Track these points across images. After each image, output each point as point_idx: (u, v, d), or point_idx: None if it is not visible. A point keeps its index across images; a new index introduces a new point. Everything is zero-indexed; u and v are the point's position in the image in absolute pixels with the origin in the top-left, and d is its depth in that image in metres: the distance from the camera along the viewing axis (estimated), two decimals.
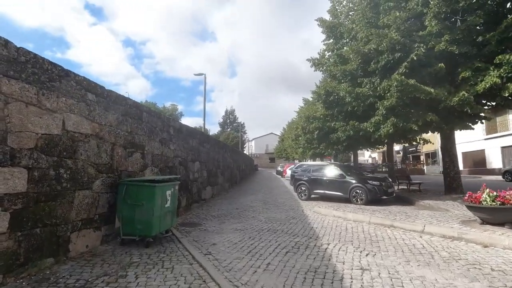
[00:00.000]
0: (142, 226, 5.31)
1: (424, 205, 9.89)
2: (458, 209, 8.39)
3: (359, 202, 11.02)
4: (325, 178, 12.43)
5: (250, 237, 6.52)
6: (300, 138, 20.04)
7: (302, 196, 13.07)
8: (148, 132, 7.38)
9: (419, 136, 14.15)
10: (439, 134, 11.31)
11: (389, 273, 4.30)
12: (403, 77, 7.80)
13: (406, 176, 13.43)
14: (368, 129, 9.69)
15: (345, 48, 11.05)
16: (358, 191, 11.16)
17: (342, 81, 10.69)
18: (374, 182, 11.07)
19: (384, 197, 10.99)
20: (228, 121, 77.11)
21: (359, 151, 30.22)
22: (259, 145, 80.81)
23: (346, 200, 11.72)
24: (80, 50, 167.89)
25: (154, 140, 7.70)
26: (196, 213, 9.77)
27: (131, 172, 6.52)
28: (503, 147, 24.69)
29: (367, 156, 61.74)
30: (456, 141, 13.30)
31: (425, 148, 35.59)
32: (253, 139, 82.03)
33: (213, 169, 14.25)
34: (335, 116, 11.42)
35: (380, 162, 46.63)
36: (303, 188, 13.09)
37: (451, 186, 10.47)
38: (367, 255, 5.18)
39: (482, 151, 26.82)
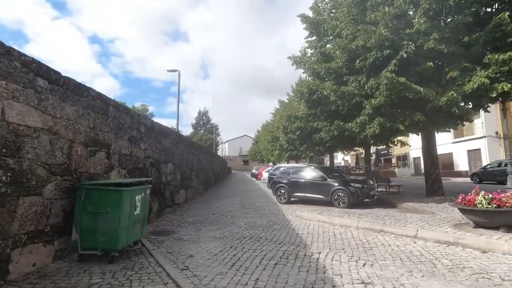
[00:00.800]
0: (106, 238, 4.46)
1: (407, 207, 9.70)
2: (444, 212, 8.20)
3: (342, 206, 10.66)
4: (305, 180, 11.99)
5: (232, 247, 5.83)
6: (280, 139, 19.54)
7: (281, 200, 12.54)
8: (115, 129, 6.48)
9: (396, 138, 14.19)
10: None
11: (395, 287, 3.80)
12: (393, 74, 7.51)
13: (385, 179, 13.33)
14: (354, 129, 9.36)
15: (328, 45, 10.72)
16: (340, 194, 10.80)
17: (326, 79, 10.30)
18: (356, 185, 10.77)
19: (366, 199, 10.71)
20: (201, 122, 75.51)
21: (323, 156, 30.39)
22: (232, 147, 79.96)
23: (328, 204, 11.32)
24: (41, 46, 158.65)
25: (122, 139, 6.80)
26: (169, 219, 8.90)
27: (94, 174, 5.61)
28: (469, 151, 25.81)
29: (340, 158, 62.87)
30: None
31: (396, 151, 36.63)
32: (227, 141, 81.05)
33: (187, 171, 13.37)
34: (318, 115, 11.01)
35: (353, 164, 47.48)
36: (283, 191, 12.57)
37: (433, 188, 10.40)
38: (364, 265, 4.67)
39: (450, 154, 27.93)
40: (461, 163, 26.36)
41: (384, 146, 34.16)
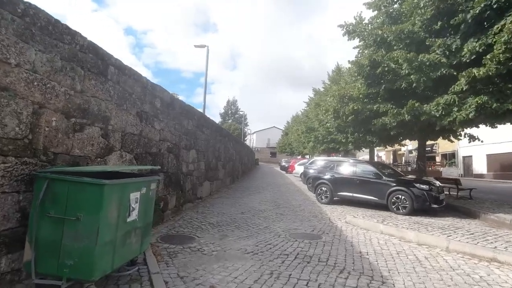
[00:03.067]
0: (75, 261, 2.74)
1: (498, 220, 7.33)
2: None
3: (402, 211, 8.47)
4: (354, 177, 9.85)
5: (272, 273, 3.97)
6: (327, 125, 17.08)
7: (322, 199, 10.51)
8: (117, 99, 4.77)
9: (463, 131, 11.56)
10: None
11: None
12: None
13: (453, 180, 10.86)
14: (433, 112, 7.08)
15: (396, 5, 8.35)
16: (400, 196, 8.59)
17: (395, 47, 8.03)
18: (422, 186, 8.50)
19: (435, 205, 8.42)
20: (230, 111, 74.04)
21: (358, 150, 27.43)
22: (260, 138, 78.16)
23: (382, 207, 9.17)
24: None
25: (127, 112, 5.10)
26: (188, 218, 7.21)
27: (80, 157, 3.93)
28: None
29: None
30: (480, 143, 11.16)
31: (442, 149, 33.00)
32: (255, 132, 79.34)
33: (212, 160, 11.66)
34: (381, 95, 8.74)
35: (388, 161, 44.02)
36: (324, 189, 10.52)
37: None
38: None
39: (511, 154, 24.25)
40: None
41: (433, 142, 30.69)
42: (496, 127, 8.98)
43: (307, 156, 34.09)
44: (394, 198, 8.69)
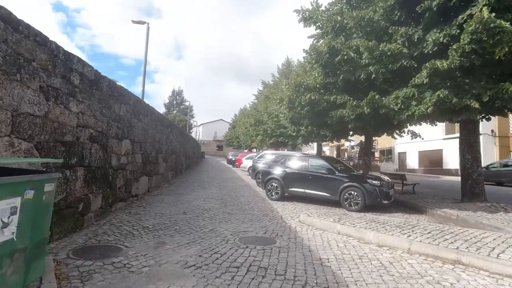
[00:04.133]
0: None
1: (445, 215, 7.39)
2: None
3: (354, 208, 8.22)
4: (306, 173, 9.38)
5: None
6: (280, 116, 16.28)
7: (272, 195, 9.90)
8: (2, 63, 3.41)
9: (407, 128, 11.92)
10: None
11: None
12: (492, 15, 4.95)
13: (399, 176, 11.06)
14: (392, 106, 6.78)
15: None
16: (353, 192, 8.32)
17: (354, 35, 7.57)
18: (374, 182, 8.32)
19: (385, 201, 8.31)
20: (175, 102, 70.49)
21: (305, 145, 27.87)
22: (207, 131, 76.22)
23: (335, 204, 8.86)
24: None
25: (23, 85, 3.74)
26: (117, 222, 5.97)
27: None
28: None
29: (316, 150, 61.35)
30: (412, 140, 11.80)
31: (380, 145, 35.20)
32: (201, 124, 77.11)
33: (152, 153, 10.32)
34: (338, 86, 8.26)
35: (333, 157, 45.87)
36: (275, 185, 9.91)
37: (472, 191, 8.17)
38: None
39: (440, 150, 26.60)
40: (451, 161, 25.10)
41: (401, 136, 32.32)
42: (454, 122, 9.14)
43: (254, 150, 33.71)
44: (346, 194, 8.40)
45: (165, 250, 4.48)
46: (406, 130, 11.94)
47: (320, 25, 8.44)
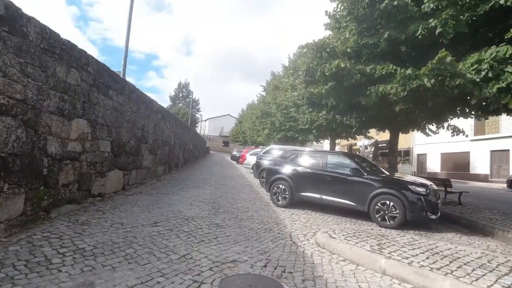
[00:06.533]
0: None
1: None
2: None
3: (389, 223, 6.05)
4: (324, 173, 7.21)
5: None
6: (278, 112, 13.97)
7: (278, 200, 7.77)
8: None
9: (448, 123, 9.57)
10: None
11: None
12: None
13: (441, 180, 8.79)
14: (468, 75, 4.53)
15: None
16: (387, 202, 6.13)
17: None
18: (418, 189, 6.12)
19: (432, 216, 6.10)
20: (181, 95, 68.36)
21: (311, 142, 25.20)
22: (213, 126, 74.22)
23: (359, 215, 6.71)
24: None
25: None
26: (43, 237, 3.93)
27: None
28: (493, 151, 21.89)
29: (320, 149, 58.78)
30: (435, 140, 9.40)
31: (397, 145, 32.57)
32: (207, 119, 75.15)
33: (130, 141, 8.27)
34: (380, 49, 5.95)
35: None
36: (282, 187, 7.77)
37: None
38: None
39: (467, 153, 24.02)
40: (480, 165, 22.58)
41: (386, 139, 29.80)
42: None
43: (260, 147, 31.54)
44: (379, 204, 6.21)
45: None
46: (445, 125, 9.58)
47: None
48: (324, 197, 7.05)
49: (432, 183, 6.97)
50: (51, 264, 3.22)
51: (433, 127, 10.03)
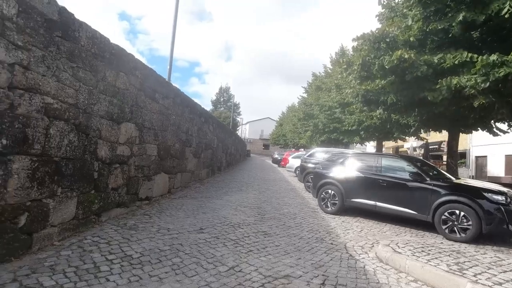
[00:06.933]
0: None
1: None
2: None
3: (459, 236, 5.29)
4: (379, 178, 6.58)
5: None
6: (321, 113, 13.19)
7: (327, 206, 7.27)
8: None
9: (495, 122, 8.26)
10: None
11: None
12: None
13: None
14: None
15: None
16: (457, 212, 5.38)
17: None
18: (496, 197, 5.28)
19: None
20: (222, 99, 69.78)
21: (355, 144, 23.59)
22: (253, 129, 74.65)
23: (421, 225, 6.00)
24: None
25: None
26: (93, 242, 3.89)
27: None
28: None
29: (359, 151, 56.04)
30: (497, 141, 7.88)
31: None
32: (248, 122, 75.78)
33: (175, 144, 8.30)
34: (451, 36, 5.22)
35: None
36: (331, 192, 7.26)
37: None
38: None
39: None
40: None
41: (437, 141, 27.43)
42: None
43: (302, 150, 30.84)
44: (446, 213, 5.47)
45: None
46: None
47: None
48: (379, 204, 6.42)
49: (510, 190, 6.01)
50: (100, 272, 3.12)
51: (504, 125, 8.80)
